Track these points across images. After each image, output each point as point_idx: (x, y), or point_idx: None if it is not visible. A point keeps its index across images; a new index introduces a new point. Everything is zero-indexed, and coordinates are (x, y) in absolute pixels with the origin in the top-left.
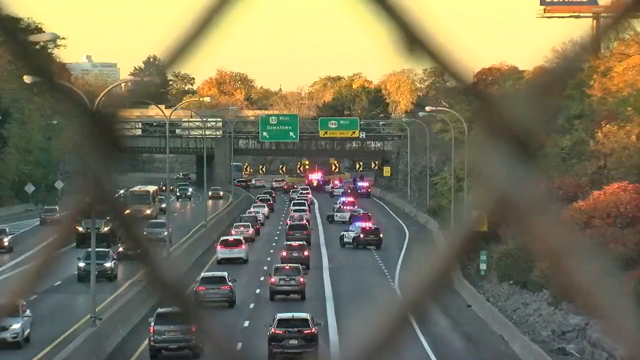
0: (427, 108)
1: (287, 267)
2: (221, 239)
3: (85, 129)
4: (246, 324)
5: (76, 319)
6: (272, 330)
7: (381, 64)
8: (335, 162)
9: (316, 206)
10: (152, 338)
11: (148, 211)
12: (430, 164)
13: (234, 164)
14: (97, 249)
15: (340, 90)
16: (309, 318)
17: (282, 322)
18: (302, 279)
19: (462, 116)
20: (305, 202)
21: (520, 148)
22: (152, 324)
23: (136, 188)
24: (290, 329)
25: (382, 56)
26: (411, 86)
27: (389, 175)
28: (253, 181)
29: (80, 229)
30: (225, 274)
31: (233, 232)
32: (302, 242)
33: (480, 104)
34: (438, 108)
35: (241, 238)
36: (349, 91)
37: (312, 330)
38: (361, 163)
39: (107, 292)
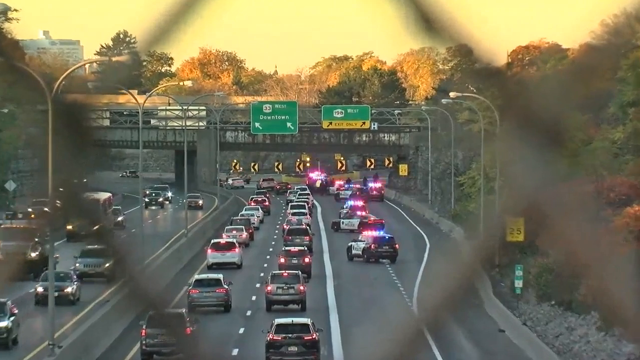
0: (452, 94)
1: (286, 274)
2: (212, 241)
3: (44, 119)
4: (235, 352)
5: None
6: (270, 336)
7: (396, 41)
8: (342, 158)
9: (318, 211)
10: (143, 342)
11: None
12: (456, 160)
13: None
14: None
15: (347, 73)
16: (309, 323)
17: (280, 328)
18: (302, 287)
19: (493, 104)
20: (306, 204)
21: (559, 142)
22: (144, 326)
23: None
24: (290, 335)
25: (397, 33)
26: (432, 68)
27: (406, 174)
28: (230, 181)
29: None
30: (220, 276)
31: (224, 236)
32: (302, 248)
33: (512, 90)
34: (464, 94)
35: (234, 241)
36: (358, 74)
37: (313, 336)
38: (373, 160)
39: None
